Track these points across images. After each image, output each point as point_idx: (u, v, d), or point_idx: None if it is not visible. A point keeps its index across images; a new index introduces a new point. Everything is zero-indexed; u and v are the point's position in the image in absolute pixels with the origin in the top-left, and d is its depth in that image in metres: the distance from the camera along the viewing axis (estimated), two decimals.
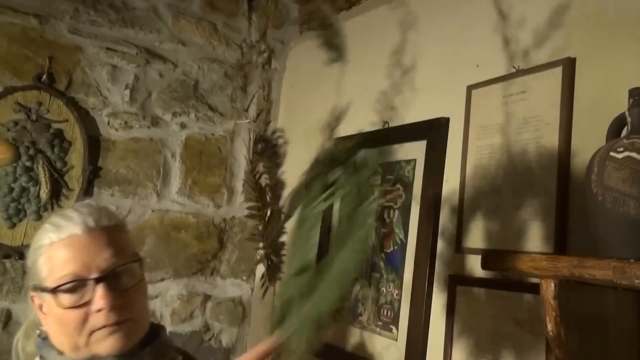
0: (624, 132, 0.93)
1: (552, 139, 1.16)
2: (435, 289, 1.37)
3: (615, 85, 1.06)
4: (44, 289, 0.90)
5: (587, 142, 1.09)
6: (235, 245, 2.24)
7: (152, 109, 2.09)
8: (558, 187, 1.12)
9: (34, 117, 1.81)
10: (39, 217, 1.80)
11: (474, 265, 1.29)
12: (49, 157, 1.82)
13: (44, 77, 1.84)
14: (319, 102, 2.10)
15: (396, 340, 1.44)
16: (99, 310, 0.88)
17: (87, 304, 0.88)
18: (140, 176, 2.05)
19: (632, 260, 0.76)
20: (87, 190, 1.91)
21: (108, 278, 0.89)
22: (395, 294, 1.47)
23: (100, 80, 1.98)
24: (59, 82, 1.89)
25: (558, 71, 1.18)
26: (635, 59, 1.04)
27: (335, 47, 0.91)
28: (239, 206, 2.26)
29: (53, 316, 0.90)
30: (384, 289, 1.52)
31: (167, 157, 2.12)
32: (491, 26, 1.38)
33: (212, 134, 2.23)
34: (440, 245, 1.40)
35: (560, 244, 1.09)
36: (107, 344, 0.90)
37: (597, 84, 1.11)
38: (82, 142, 1.89)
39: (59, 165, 1.84)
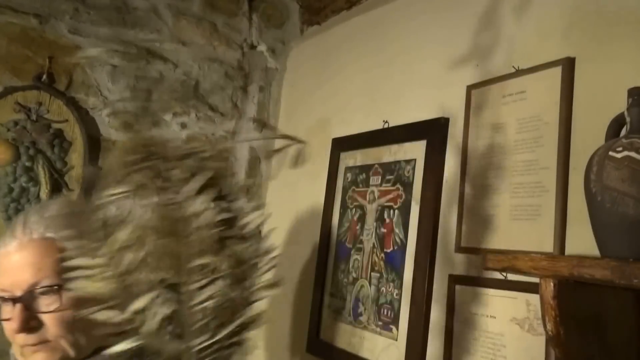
0: (623, 132, 0.93)
1: (551, 139, 1.16)
2: (435, 289, 1.37)
3: (614, 84, 1.05)
4: None
5: (587, 142, 1.09)
6: None
7: (152, 109, 2.09)
8: (557, 187, 1.12)
9: (34, 117, 1.81)
10: None
11: (474, 265, 1.29)
12: (49, 157, 1.83)
13: (44, 77, 1.85)
14: (319, 102, 2.10)
15: (396, 340, 1.43)
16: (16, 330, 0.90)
17: (10, 320, 0.90)
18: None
19: (631, 260, 0.76)
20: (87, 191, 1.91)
21: (25, 299, 0.89)
22: (395, 294, 1.47)
23: (101, 80, 1.98)
24: (59, 82, 1.90)
25: (557, 71, 1.18)
26: (635, 58, 1.04)
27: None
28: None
29: None
30: (384, 288, 1.52)
31: None
32: (491, 26, 1.38)
33: (213, 134, 2.23)
34: (440, 245, 1.40)
35: (560, 243, 1.09)
36: (38, 355, 0.91)
37: (597, 83, 1.11)
38: (82, 142, 1.89)
39: (59, 165, 1.84)
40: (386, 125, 1.66)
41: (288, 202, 2.17)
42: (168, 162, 0.78)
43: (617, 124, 0.95)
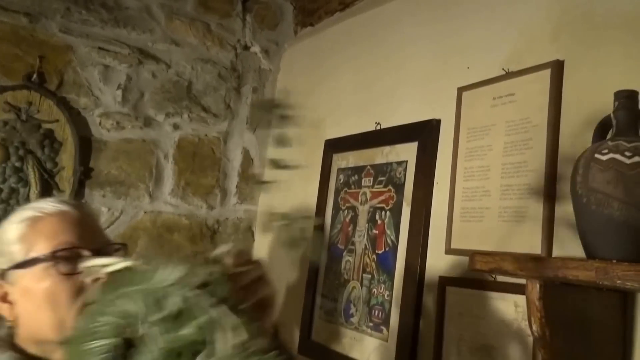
0: (610, 134, 0.93)
1: (540, 141, 1.17)
2: (425, 290, 1.37)
3: (602, 87, 1.06)
4: (23, 264, 0.85)
5: (575, 144, 1.09)
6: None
7: (144, 110, 2.09)
8: (545, 189, 1.13)
9: (23, 117, 1.80)
10: None
11: (464, 267, 1.29)
12: (39, 157, 1.82)
13: (34, 76, 1.83)
14: (312, 103, 2.10)
15: (387, 341, 1.44)
16: (96, 280, 0.82)
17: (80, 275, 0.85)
18: (132, 177, 2.04)
19: (614, 261, 0.76)
20: (78, 192, 1.91)
21: (102, 254, 0.85)
22: (386, 295, 1.48)
23: (92, 80, 1.98)
24: (50, 82, 1.89)
25: (546, 74, 1.18)
26: (622, 62, 1.05)
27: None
28: (232, 208, 2.26)
29: (34, 294, 0.85)
30: (375, 290, 1.52)
31: (160, 158, 2.12)
32: (481, 29, 1.39)
33: (206, 135, 2.22)
34: (431, 246, 1.40)
35: (548, 245, 1.09)
36: None
37: (585, 86, 1.12)
38: (73, 142, 1.88)
39: (49, 166, 1.83)
40: (378, 127, 1.66)
41: (281, 204, 2.16)
42: None
43: (603, 126, 0.95)
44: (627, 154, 0.86)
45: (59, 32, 1.92)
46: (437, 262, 1.37)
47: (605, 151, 0.88)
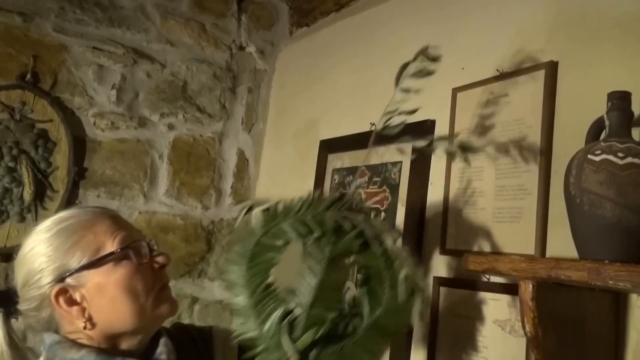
0: (603, 135, 0.94)
1: (534, 141, 1.17)
2: None
3: (596, 88, 1.06)
4: (96, 263, 0.88)
5: (569, 145, 1.10)
6: (223, 247, 2.24)
7: (139, 110, 2.08)
8: (539, 190, 1.13)
9: (17, 116, 1.79)
10: (22, 219, 1.78)
11: (458, 267, 1.29)
12: (32, 157, 1.81)
13: (28, 76, 1.82)
14: (307, 103, 2.10)
15: None
16: (162, 267, 0.94)
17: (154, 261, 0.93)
18: (126, 177, 2.04)
19: (606, 262, 0.76)
20: (72, 192, 1.90)
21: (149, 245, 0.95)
22: None
23: (87, 80, 1.97)
24: (44, 82, 1.88)
25: (541, 74, 1.19)
26: (615, 63, 1.05)
27: None
28: (227, 208, 2.26)
29: (110, 288, 0.89)
30: None
31: (155, 158, 2.11)
32: (476, 30, 1.39)
33: (201, 135, 2.22)
34: (426, 247, 1.40)
35: (542, 246, 1.09)
36: (170, 302, 0.94)
37: (579, 87, 1.12)
38: (67, 142, 1.87)
39: (43, 166, 1.83)
40: (373, 128, 1.66)
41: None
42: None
43: (597, 127, 0.96)
44: (620, 154, 0.86)
45: (53, 32, 1.91)
46: (432, 263, 1.37)
47: (598, 152, 0.88)
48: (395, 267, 0.86)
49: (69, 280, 0.89)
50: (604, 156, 0.87)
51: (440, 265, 1.35)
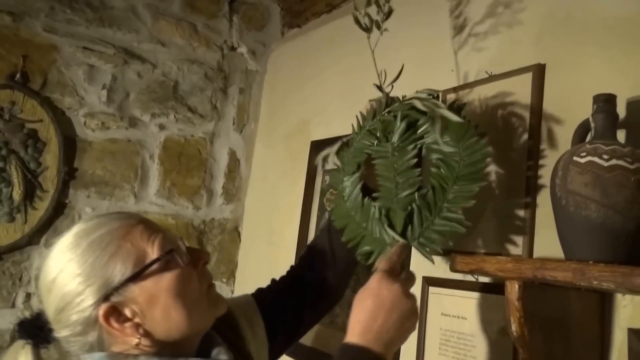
0: (589, 137, 0.95)
1: (521, 143, 1.18)
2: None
3: (582, 90, 1.08)
4: (141, 273, 0.82)
5: (556, 147, 1.11)
6: (214, 247, 2.24)
7: (130, 110, 2.08)
8: (526, 191, 1.14)
9: (7, 116, 1.79)
10: (11, 219, 1.77)
11: (446, 267, 1.30)
12: (22, 157, 1.80)
13: (18, 76, 1.82)
14: (299, 104, 2.11)
15: None
16: (205, 263, 0.90)
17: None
18: (117, 177, 2.04)
19: (591, 262, 0.77)
20: (62, 192, 1.90)
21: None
22: None
23: (77, 80, 1.97)
24: (34, 82, 1.88)
25: (528, 77, 1.20)
26: (601, 66, 1.06)
27: None
28: (219, 208, 2.26)
29: (161, 296, 0.83)
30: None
31: (146, 159, 2.11)
32: (465, 33, 1.40)
33: (192, 136, 2.22)
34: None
35: (529, 246, 1.11)
36: (220, 299, 0.92)
37: (566, 89, 1.13)
38: (57, 142, 1.87)
39: (32, 166, 1.82)
40: None
41: (267, 204, 2.17)
42: None
43: (583, 129, 0.97)
44: (605, 156, 0.87)
45: (43, 32, 1.91)
46: (421, 263, 1.38)
47: (584, 154, 0.89)
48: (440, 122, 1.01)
49: (114, 296, 0.81)
50: (589, 158, 0.88)
51: (429, 266, 1.35)
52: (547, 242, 1.07)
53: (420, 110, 1.05)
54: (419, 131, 1.06)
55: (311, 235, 1.79)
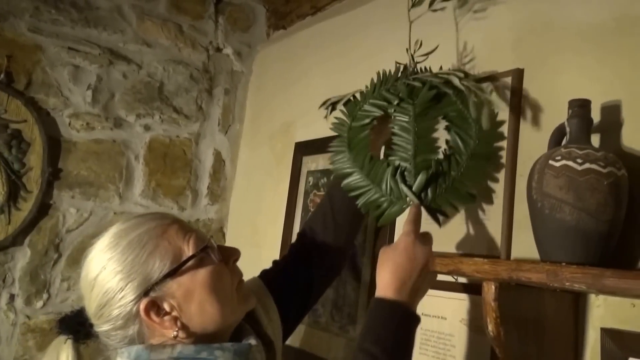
0: (564, 142, 0.97)
1: (501, 145, 1.20)
2: None
3: (559, 95, 1.10)
4: (179, 268, 0.87)
5: (533, 149, 1.13)
6: None
7: (115, 111, 2.08)
8: (505, 193, 1.16)
9: None
10: None
11: None
12: (6, 158, 1.80)
13: (2, 76, 1.81)
14: (284, 105, 2.12)
15: (353, 341, 1.46)
16: (235, 260, 0.96)
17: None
18: (102, 178, 2.03)
19: (564, 264, 0.80)
20: (47, 192, 1.89)
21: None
22: (353, 296, 1.50)
23: (62, 81, 1.96)
24: (18, 82, 1.87)
25: (507, 81, 1.22)
26: (577, 71, 1.09)
27: None
28: (204, 209, 2.27)
29: (197, 291, 0.88)
30: (342, 290, 1.54)
31: (131, 159, 2.11)
32: (446, 36, 1.42)
33: (177, 136, 2.22)
34: None
35: (507, 248, 1.13)
36: (250, 295, 0.97)
37: (543, 93, 1.16)
38: (42, 143, 1.87)
39: (16, 166, 1.81)
40: None
41: (252, 205, 2.18)
42: None
43: (558, 133, 0.99)
44: (579, 160, 0.89)
45: (28, 32, 1.90)
46: None
47: (559, 158, 0.91)
48: (469, 101, 1.07)
49: (154, 291, 0.86)
50: (563, 162, 0.90)
51: None
52: (525, 244, 1.09)
53: (450, 86, 1.12)
54: (443, 103, 1.13)
55: (294, 237, 1.80)
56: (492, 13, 1.31)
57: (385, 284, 0.96)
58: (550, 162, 0.92)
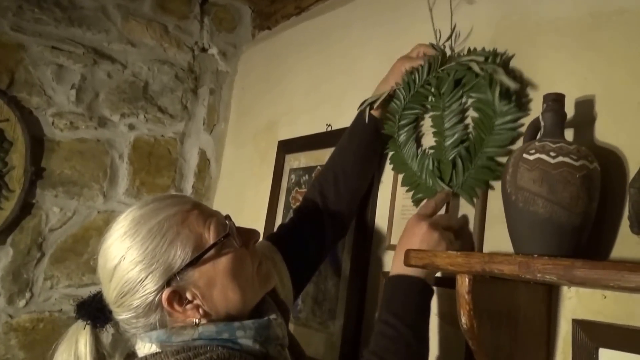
0: (539, 135, 0.98)
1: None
2: (369, 286, 1.41)
3: (535, 90, 1.11)
4: (202, 256, 0.85)
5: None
6: None
7: (99, 110, 2.07)
8: (480, 187, 1.17)
9: None
10: None
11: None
12: None
13: None
14: (268, 105, 2.12)
15: (333, 335, 1.46)
16: (255, 242, 0.95)
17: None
18: (85, 177, 2.03)
19: (535, 256, 0.80)
20: (30, 191, 1.88)
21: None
22: (332, 292, 1.50)
23: (45, 80, 1.95)
24: (0, 81, 1.86)
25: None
26: (552, 66, 1.10)
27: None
28: None
29: (218, 278, 0.87)
30: (322, 286, 1.55)
31: (115, 158, 2.10)
32: (425, 32, 1.43)
33: (162, 136, 2.22)
34: (375, 242, 1.43)
35: (479, 241, 1.14)
36: (271, 275, 0.97)
37: (520, 88, 1.17)
38: (24, 142, 1.86)
39: None
40: (329, 129, 1.69)
41: (236, 203, 2.17)
42: None
43: (533, 127, 1.00)
44: (552, 154, 0.90)
45: (10, 30, 1.90)
46: (380, 259, 1.41)
47: (533, 151, 0.92)
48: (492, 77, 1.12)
49: (175, 281, 0.85)
50: (537, 155, 0.91)
51: (387, 261, 1.38)
52: (499, 237, 1.10)
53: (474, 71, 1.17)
54: (466, 88, 1.20)
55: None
56: (471, 9, 1.32)
57: (392, 262, 1.10)
58: (525, 155, 0.93)
